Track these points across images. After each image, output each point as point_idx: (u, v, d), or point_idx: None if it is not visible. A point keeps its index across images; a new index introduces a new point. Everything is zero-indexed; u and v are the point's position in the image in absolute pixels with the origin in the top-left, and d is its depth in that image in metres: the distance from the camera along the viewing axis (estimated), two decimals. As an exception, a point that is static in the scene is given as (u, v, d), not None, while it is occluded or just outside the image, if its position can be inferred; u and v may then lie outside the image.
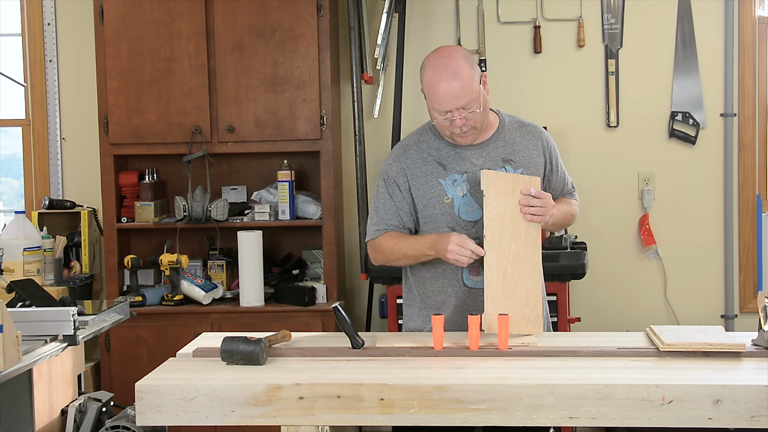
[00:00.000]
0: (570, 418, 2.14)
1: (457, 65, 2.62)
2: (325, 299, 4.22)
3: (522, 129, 2.84)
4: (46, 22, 4.64)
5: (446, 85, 2.61)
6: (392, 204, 2.79)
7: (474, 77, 2.64)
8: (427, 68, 2.67)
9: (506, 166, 2.76)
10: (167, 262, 4.16)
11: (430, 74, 2.65)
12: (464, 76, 2.62)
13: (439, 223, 2.75)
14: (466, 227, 2.73)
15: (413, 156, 2.79)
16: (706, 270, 4.51)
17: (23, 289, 3.10)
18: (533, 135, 2.83)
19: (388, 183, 2.80)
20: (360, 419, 2.20)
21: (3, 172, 5.12)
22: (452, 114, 2.64)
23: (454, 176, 2.75)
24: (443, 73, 2.62)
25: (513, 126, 2.83)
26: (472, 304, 2.74)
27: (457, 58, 2.64)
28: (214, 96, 4.21)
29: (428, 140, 2.81)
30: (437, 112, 2.67)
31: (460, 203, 2.74)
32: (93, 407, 3.11)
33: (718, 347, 2.38)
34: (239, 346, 2.38)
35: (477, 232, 2.71)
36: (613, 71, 4.47)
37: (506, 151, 2.78)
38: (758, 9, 4.45)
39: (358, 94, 4.37)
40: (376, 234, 2.80)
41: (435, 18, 4.54)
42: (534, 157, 2.80)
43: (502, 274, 2.59)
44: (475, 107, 2.65)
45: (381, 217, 2.80)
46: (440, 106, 2.64)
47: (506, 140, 2.79)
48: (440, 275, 2.78)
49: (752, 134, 4.47)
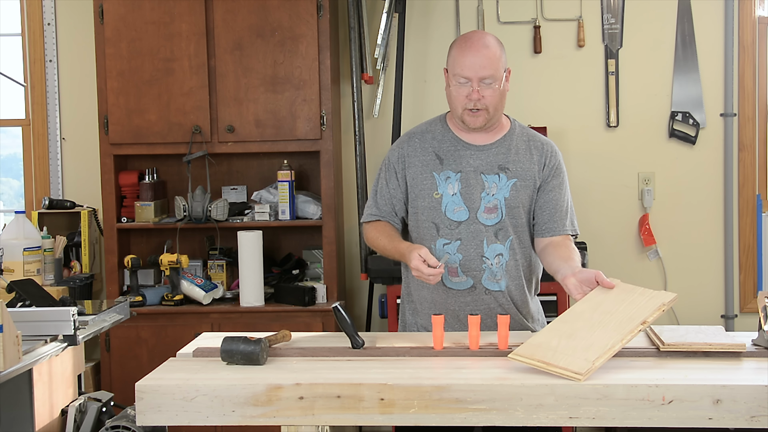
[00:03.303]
0: (570, 418, 2.14)
1: (489, 41, 2.71)
2: (325, 299, 4.22)
3: (530, 142, 2.82)
4: (46, 22, 4.64)
5: (475, 52, 2.67)
6: (387, 190, 2.84)
7: (502, 59, 2.71)
8: (458, 41, 2.74)
9: (500, 173, 2.75)
10: (167, 262, 4.16)
11: (461, 44, 2.72)
12: (494, 51, 2.69)
13: (424, 217, 2.77)
14: (449, 226, 2.74)
15: (416, 145, 2.82)
16: (706, 270, 4.51)
17: (23, 289, 3.11)
18: (538, 150, 2.80)
19: (387, 168, 2.85)
20: (360, 419, 2.19)
21: (3, 172, 5.12)
22: (473, 84, 2.67)
23: (448, 173, 2.75)
24: (475, 44, 2.69)
25: (522, 137, 2.82)
26: (453, 305, 2.75)
27: (489, 37, 2.74)
28: (214, 96, 4.21)
29: (435, 130, 2.82)
30: (458, 79, 2.69)
31: (448, 201, 2.74)
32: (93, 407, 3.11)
33: (718, 347, 2.37)
34: (239, 346, 2.37)
35: (460, 233, 2.73)
36: (613, 71, 4.47)
37: (505, 159, 2.77)
38: (758, 9, 4.46)
39: (358, 94, 4.37)
40: (367, 218, 2.88)
41: (435, 18, 4.54)
42: (531, 171, 2.77)
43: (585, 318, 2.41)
44: (495, 85, 2.68)
45: (376, 202, 2.86)
46: (463, 71, 2.67)
47: (509, 148, 2.79)
48: None
49: (752, 134, 4.47)
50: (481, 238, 2.73)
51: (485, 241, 2.73)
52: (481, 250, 2.73)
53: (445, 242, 2.74)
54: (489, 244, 2.73)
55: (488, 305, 2.75)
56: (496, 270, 2.73)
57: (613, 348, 2.25)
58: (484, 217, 2.73)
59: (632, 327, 2.31)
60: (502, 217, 2.73)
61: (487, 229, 2.73)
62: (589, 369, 2.18)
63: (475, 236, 2.73)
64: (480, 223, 2.73)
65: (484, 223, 2.72)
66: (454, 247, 2.73)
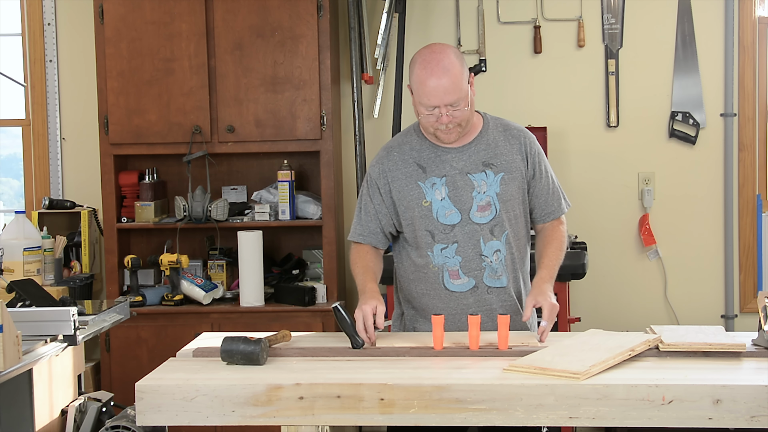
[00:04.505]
0: (570, 418, 2.14)
1: (448, 62, 2.62)
2: (325, 299, 4.22)
3: (506, 133, 2.81)
4: (46, 22, 4.64)
5: (437, 80, 2.60)
6: (372, 207, 2.81)
7: (464, 75, 2.64)
8: (417, 63, 2.66)
9: (486, 170, 2.75)
10: (167, 262, 4.16)
11: (421, 69, 2.64)
12: (455, 73, 2.61)
13: (417, 226, 2.75)
14: (444, 231, 2.73)
15: (395, 158, 2.79)
16: (706, 270, 4.51)
17: (23, 289, 3.11)
18: (516, 139, 2.79)
19: (369, 185, 2.82)
20: (360, 419, 2.20)
21: (3, 172, 5.12)
22: (440, 110, 2.63)
23: (434, 179, 2.74)
24: (435, 69, 2.61)
25: (497, 129, 2.81)
26: (456, 308, 2.74)
27: (448, 54, 2.64)
28: (214, 96, 4.21)
29: (411, 141, 2.80)
30: (424, 107, 2.66)
31: (438, 207, 2.74)
32: (93, 407, 3.11)
33: (718, 347, 2.38)
34: (239, 346, 2.38)
35: (455, 236, 2.72)
36: (613, 71, 4.47)
37: (487, 155, 2.76)
38: (758, 9, 4.46)
39: (358, 94, 4.37)
40: (353, 238, 2.87)
41: (435, 18, 4.54)
42: (516, 162, 2.77)
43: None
44: (462, 105, 2.65)
45: (360, 220, 2.84)
46: (429, 101, 2.63)
47: (488, 144, 2.78)
48: (423, 279, 2.78)
49: (752, 134, 4.47)
50: (477, 237, 2.72)
51: (482, 239, 2.72)
52: (479, 249, 2.72)
53: (442, 247, 2.73)
54: (486, 241, 2.73)
55: (490, 305, 2.74)
56: (496, 266, 2.74)
57: (607, 362, 2.26)
58: (477, 216, 2.73)
59: (622, 351, 2.34)
60: (497, 213, 2.73)
61: (482, 228, 2.73)
62: (587, 371, 2.18)
63: (470, 236, 2.72)
64: (474, 222, 2.72)
65: (477, 222, 2.72)
66: (451, 250, 2.73)
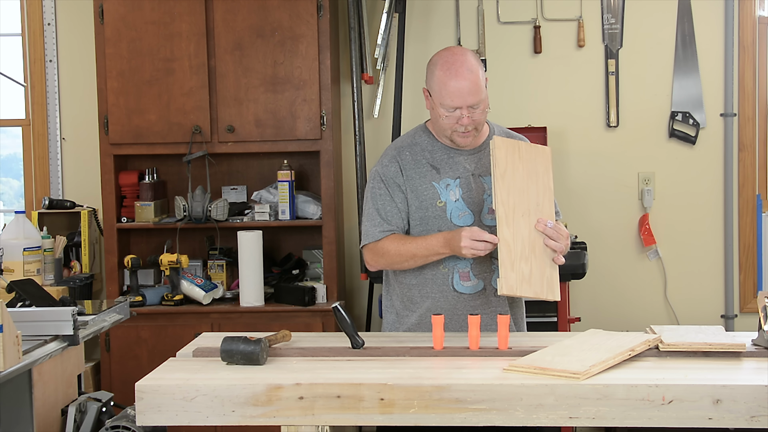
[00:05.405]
0: (570, 418, 2.14)
1: (470, 64, 2.67)
2: (325, 299, 4.22)
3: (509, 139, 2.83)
4: (46, 22, 4.64)
5: (461, 81, 2.64)
6: (394, 204, 2.77)
7: (483, 78, 2.69)
8: (439, 65, 2.69)
9: None
10: (167, 262, 4.16)
11: (443, 71, 2.67)
12: (477, 75, 2.66)
13: (430, 226, 2.75)
14: None
15: (407, 157, 2.79)
16: (706, 270, 4.51)
17: (23, 289, 3.10)
18: None
19: (387, 184, 2.78)
20: (360, 419, 2.20)
21: (3, 172, 5.12)
22: (461, 111, 2.66)
23: (447, 180, 2.76)
24: (459, 70, 2.65)
25: (502, 135, 2.83)
26: (462, 310, 2.74)
27: (469, 57, 2.69)
28: (214, 96, 4.21)
29: (422, 143, 2.81)
30: (445, 109, 2.68)
31: (452, 207, 2.74)
32: (93, 407, 3.10)
33: (718, 347, 2.38)
34: (239, 346, 2.38)
35: None
36: (613, 71, 4.47)
37: None
38: (758, 9, 4.46)
39: (358, 94, 4.37)
40: (381, 235, 2.75)
41: (435, 18, 4.54)
42: None
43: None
44: (482, 107, 2.69)
45: (384, 218, 2.76)
46: (451, 102, 2.66)
47: None
48: (429, 281, 2.77)
49: (752, 134, 4.47)
50: None
51: None
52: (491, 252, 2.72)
53: None
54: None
55: (494, 308, 2.75)
56: None
57: (607, 362, 2.26)
58: (488, 218, 2.74)
59: (622, 351, 2.34)
60: None
61: (492, 230, 2.73)
62: (587, 371, 2.18)
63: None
64: (485, 225, 2.73)
65: (489, 224, 2.73)
66: None
